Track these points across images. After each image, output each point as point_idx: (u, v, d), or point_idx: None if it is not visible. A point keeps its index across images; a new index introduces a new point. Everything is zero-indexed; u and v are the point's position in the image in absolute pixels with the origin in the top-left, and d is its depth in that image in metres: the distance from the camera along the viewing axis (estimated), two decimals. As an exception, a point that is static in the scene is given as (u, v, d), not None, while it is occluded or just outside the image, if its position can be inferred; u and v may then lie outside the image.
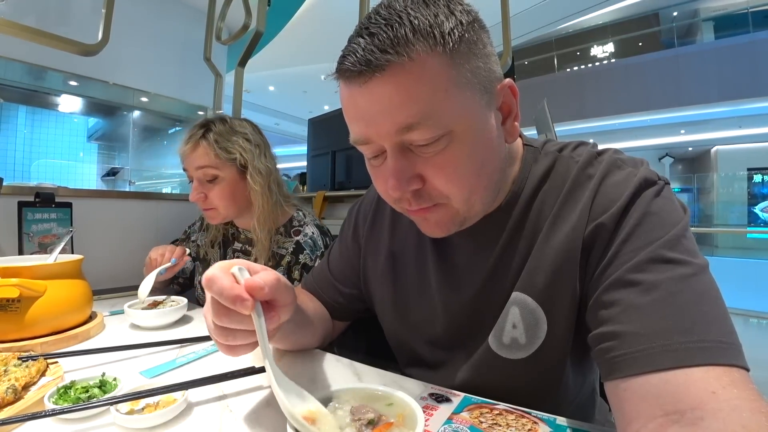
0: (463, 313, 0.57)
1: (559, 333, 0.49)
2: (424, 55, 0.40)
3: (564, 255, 0.47)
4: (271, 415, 0.47)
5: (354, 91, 0.43)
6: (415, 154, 0.44)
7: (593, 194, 0.47)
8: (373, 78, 0.40)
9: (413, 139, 0.43)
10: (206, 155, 0.97)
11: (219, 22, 1.82)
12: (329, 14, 6.01)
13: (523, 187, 0.52)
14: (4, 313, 0.65)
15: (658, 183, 0.46)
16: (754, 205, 8.83)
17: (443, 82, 0.41)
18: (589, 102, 8.50)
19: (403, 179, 0.44)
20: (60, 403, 0.46)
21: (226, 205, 1.00)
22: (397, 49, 0.39)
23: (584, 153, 0.51)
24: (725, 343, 0.34)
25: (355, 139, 0.46)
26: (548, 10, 7.62)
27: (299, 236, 1.01)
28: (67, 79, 3.42)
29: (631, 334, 0.37)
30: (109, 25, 1.34)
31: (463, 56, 0.42)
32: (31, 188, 1.20)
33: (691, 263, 0.39)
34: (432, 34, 0.40)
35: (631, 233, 0.42)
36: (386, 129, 0.42)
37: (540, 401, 0.50)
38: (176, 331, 0.80)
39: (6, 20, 1.18)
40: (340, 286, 0.73)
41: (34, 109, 4.71)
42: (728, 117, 8.17)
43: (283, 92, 10.16)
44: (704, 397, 0.31)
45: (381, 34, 0.40)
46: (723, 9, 8.69)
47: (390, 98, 0.41)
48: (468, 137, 0.44)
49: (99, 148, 5.37)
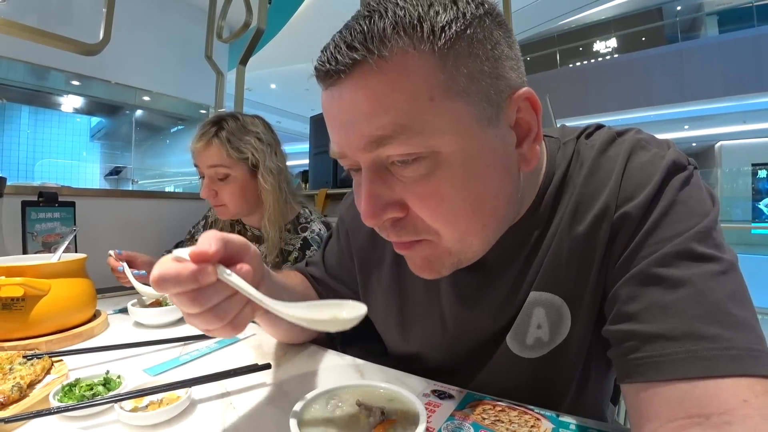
0: (482, 327, 0.52)
1: (581, 328, 0.46)
2: (403, 53, 0.33)
3: (588, 247, 0.43)
4: (274, 412, 0.47)
5: (325, 94, 0.38)
6: (394, 177, 0.37)
7: (620, 178, 0.42)
8: (339, 80, 0.35)
9: (389, 155, 0.36)
10: (218, 154, 0.98)
11: (220, 20, 1.82)
12: (330, 11, 5.98)
13: (549, 185, 0.47)
14: (9, 312, 0.65)
15: (688, 168, 0.41)
16: (759, 201, 8.77)
17: (426, 87, 0.34)
18: (591, 98, 8.45)
19: (377, 205, 0.37)
20: (65, 400, 0.46)
21: (237, 203, 1.01)
22: (368, 45, 0.33)
23: (602, 135, 0.47)
24: (756, 351, 0.32)
25: (332, 151, 0.40)
26: (550, 6, 7.58)
27: (306, 233, 1.02)
28: (69, 79, 3.43)
29: (655, 336, 0.34)
30: (110, 25, 1.34)
31: (460, 57, 0.34)
32: (35, 188, 1.21)
33: (721, 259, 0.36)
34: (418, 28, 0.33)
35: (658, 223, 0.38)
36: (356, 142, 0.36)
37: (554, 398, 0.48)
38: (179, 329, 0.81)
39: (8, 20, 1.18)
40: (332, 282, 0.69)
41: (37, 109, 4.73)
42: (732, 112, 8.11)
43: (285, 90, 10.16)
44: (735, 404, 0.29)
45: (355, 28, 0.34)
46: (727, 3, 8.60)
47: (359, 104, 0.35)
48: (459, 162, 0.36)
49: (102, 147, 5.40)
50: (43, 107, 4.66)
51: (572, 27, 9.82)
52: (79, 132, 5.24)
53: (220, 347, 0.69)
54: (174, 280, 0.33)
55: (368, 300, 0.64)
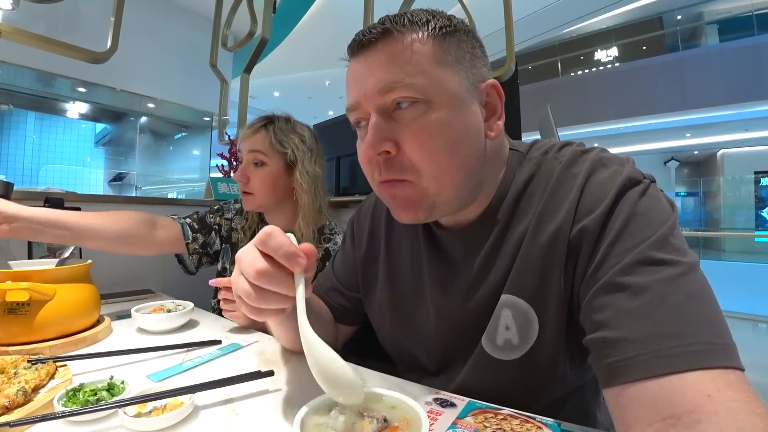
0: (455, 318, 0.57)
1: (551, 333, 0.49)
2: (415, 34, 0.47)
3: (550, 255, 0.48)
4: (277, 419, 0.47)
5: (354, 62, 0.50)
6: (395, 121, 0.48)
7: (579, 194, 0.47)
8: (370, 46, 0.48)
9: (394, 98, 0.46)
10: (262, 141, 1.04)
11: (225, 29, 1.84)
12: (334, 21, 6.05)
13: (507, 191, 0.53)
14: (14, 316, 0.66)
15: (644, 181, 0.45)
16: (762, 209, 8.75)
17: (427, 56, 0.46)
18: (593, 106, 8.48)
19: (378, 138, 0.47)
20: (69, 405, 0.47)
21: (265, 193, 1.04)
22: (395, 26, 0.47)
23: (568, 152, 0.52)
24: (717, 345, 0.34)
25: (348, 105, 0.51)
26: (551, 15, 7.63)
27: (329, 244, 1.04)
28: (75, 86, 3.47)
29: (622, 340, 0.37)
30: (117, 33, 1.36)
31: (450, 46, 0.48)
32: (40, 193, 1.22)
33: (679, 263, 0.39)
34: (426, 23, 0.47)
35: (619, 235, 0.42)
36: (371, 88, 0.47)
37: (535, 399, 0.50)
38: (183, 336, 0.81)
39: (17, 28, 1.20)
40: (343, 290, 0.74)
41: (43, 115, 4.78)
42: (734, 120, 8.11)
43: (288, 98, 10.23)
44: (700, 401, 0.31)
45: (384, 19, 0.48)
46: (727, 12, 8.65)
47: (379, 62, 0.47)
48: (445, 110, 0.46)
49: (106, 153, 5.44)
50: (48, 113, 4.72)
51: (573, 36, 9.87)
52: (84, 138, 5.28)
53: (223, 354, 0.69)
54: (276, 244, 0.41)
55: (367, 296, 0.71)
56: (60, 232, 0.83)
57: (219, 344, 0.73)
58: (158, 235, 1.03)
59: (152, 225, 1.02)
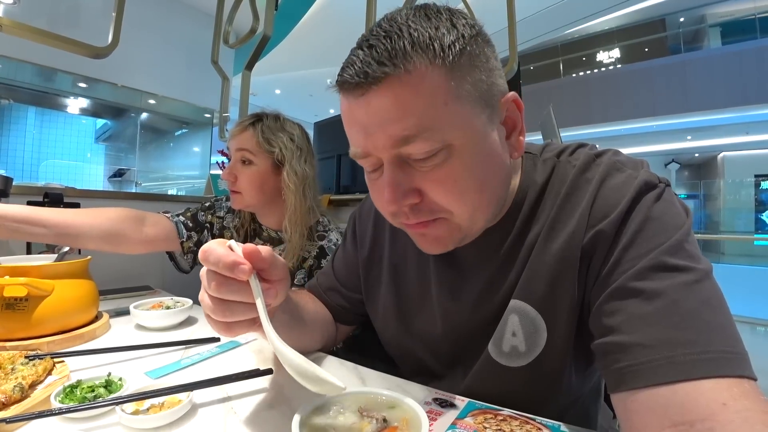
0: (463, 323, 0.56)
1: (559, 340, 0.48)
2: (423, 67, 0.39)
3: (563, 262, 0.47)
4: (275, 418, 0.47)
5: (352, 103, 0.43)
6: (413, 168, 0.43)
7: (592, 199, 0.46)
8: (370, 90, 0.40)
9: (410, 153, 0.42)
10: (249, 140, 1.02)
11: (227, 26, 1.84)
12: (336, 19, 6.05)
13: (524, 197, 0.52)
14: (12, 311, 0.66)
15: (659, 186, 0.45)
16: (762, 212, 8.75)
17: (441, 94, 0.40)
18: (594, 107, 8.48)
19: (399, 192, 0.43)
20: (66, 402, 0.46)
21: (253, 192, 1.03)
22: (394, 61, 0.39)
23: (582, 156, 0.50)
24: (731, 353, 0.34)
25: (354, 152, 0.46)
26: (554, 16, 7.63)
27: (323, 241, 1.03)
28: (76, 81, 3.46)
29: (635, 345, 0.36)
30: (119, 29, 1.36)
31: (464, 69, 0.41)
32: (40, 188, 1.22)
33: (694, 269, 0.38)
34: (431, 46, 0.39)
35: (633, 240, 0.41)
36: (383, 141, 0.42)
37: (540, 406, 0.50)
38: (181, 332, 0.81)
39: (18, 23, 1.20)
40: (343, 290, 0.73)
41: (44, 110, 4.77)
42: (735, 123, 8.12)
43: (289, 95, 10.22)
44: (715, 409, 0.31)
45: (379, 46, 0.40)
46: (730, 15, 8.65)
47: (387, 111, 0.40)
48: (467, 151, 0.42)
49: (106, 149, 5.43)
50: (49, 108, 4.70)
51: (576, 37, 9.87)
52: (85, 133, 5.28)
53: (221, 351, 0.69)
54: (215, 259, 0.39)
55: (369, 298, 0.69)
56: (38, 230, 0.80)
57: (217, 342, 0.73)
58: (147, 232, 0.99)
59: (140, 222, 0.99)
